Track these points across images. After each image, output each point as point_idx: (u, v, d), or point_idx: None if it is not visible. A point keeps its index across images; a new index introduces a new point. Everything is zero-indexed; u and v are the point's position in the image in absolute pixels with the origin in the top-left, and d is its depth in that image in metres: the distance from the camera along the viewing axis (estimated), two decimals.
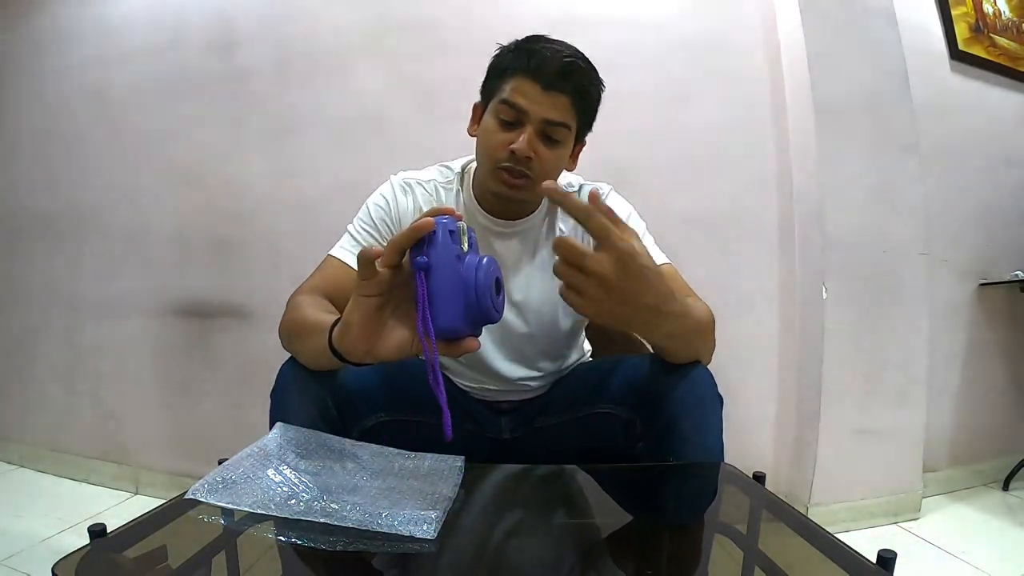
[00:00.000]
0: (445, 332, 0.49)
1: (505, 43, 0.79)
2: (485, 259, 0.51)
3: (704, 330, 0.69)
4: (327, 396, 0.70)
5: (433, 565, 0.48)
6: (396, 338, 0.53)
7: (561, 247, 0.50)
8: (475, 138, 0.83)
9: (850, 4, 1.44)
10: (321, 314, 0.66)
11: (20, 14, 1.82)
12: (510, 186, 0.77)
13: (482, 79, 0.81)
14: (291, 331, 0.70)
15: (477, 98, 0.82)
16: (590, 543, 0.57)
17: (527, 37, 0.78)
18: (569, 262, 0.50)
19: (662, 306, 0.55)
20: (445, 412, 0.51)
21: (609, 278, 0.50)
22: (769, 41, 1.49)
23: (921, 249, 1.45)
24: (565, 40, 0.78)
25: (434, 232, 0.49)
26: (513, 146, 0.74)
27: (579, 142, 0.83)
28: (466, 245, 0.51)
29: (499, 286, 0.53)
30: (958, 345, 1.66)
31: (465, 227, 0.52)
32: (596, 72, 0.77)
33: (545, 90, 0.74)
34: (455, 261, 0.49)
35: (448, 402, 0.51)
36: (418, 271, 0.49)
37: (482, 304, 0.49)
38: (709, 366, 0.73)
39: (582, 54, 0.77)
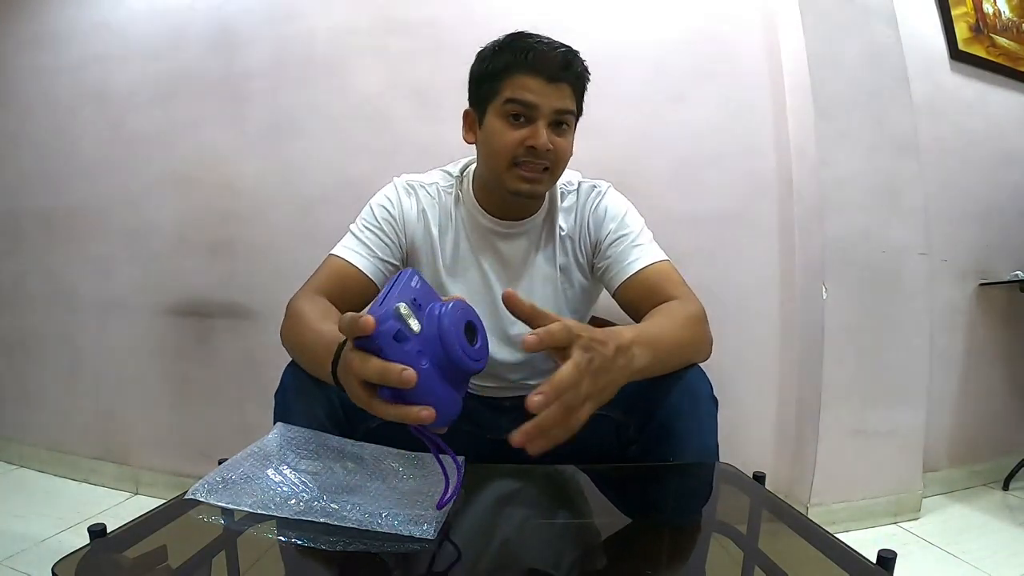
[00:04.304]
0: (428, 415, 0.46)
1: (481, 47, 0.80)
2: (447, 319, 0.47)
3: (689, 335, 0.70)
4: (334, 397, 0.69)
5: (433, 565, 0.48)
6: None
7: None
8: (473, 145, 0.83)
9: (850, 4, 1.44)
10: (323, 325, 0.65)
11: (20, 14, 1.82)
12: (532, 181, 0.78)
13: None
14: (294, 343, 0.71)
15: None
16: (590, 543, 0.57)
17: (510, 36, 0.79)
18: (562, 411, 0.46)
19: (628, 347, 0.54)
20: (446, 486, 0.52)
21: (584, 377, 0.47)
22: (769, 41, 1.49)
23: (921, 249, 1.45)
24: (564, 40, 0.79)
25: (372, 339, 0.44)
26: (531, 142, 0.75)
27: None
28: (414, 323, 0.46)
29: (473, 334, 0.49)
30: (958, 345, 1.65)
31: (404, 306, 0.46)
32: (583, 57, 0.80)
33: (550, 82, 0.75)
34: (405, 353, 0.45)
35: None
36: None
37: (455, 364, 0.46)
38: (708, 367, 0.73)
39: (565, 43, 0.79)
